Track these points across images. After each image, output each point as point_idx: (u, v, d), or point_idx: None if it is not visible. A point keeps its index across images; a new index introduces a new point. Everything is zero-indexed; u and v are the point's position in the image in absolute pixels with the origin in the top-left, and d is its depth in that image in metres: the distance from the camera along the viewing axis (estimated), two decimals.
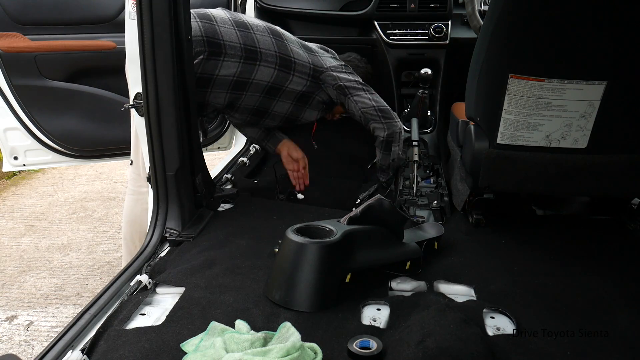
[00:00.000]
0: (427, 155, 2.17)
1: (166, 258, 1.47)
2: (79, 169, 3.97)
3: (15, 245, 2.78)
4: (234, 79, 1.86)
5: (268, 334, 1.08)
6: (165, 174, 1.60)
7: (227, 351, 1.00)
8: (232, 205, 1.87)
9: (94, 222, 3.09)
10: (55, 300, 2.28)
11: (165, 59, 1.49)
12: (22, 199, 3.44)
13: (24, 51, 2.12)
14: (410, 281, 1.34)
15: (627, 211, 1.76)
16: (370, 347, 1.03)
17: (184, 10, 1.52)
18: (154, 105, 1.52)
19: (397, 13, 2.42)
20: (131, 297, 1.25)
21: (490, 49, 1.33)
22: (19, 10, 2.13)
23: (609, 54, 1.28)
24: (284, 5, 2.52)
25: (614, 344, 1.09)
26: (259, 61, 1.87)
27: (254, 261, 1.41)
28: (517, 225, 1.69)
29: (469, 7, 1.93)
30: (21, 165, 2.25)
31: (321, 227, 1.29)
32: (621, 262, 1.46)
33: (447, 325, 1.05)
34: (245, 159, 2.42)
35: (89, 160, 2.38)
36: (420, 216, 1.79)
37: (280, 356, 0.96)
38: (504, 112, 1.39)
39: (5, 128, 2.17)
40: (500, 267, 1.42)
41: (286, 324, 1.08)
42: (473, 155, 1.50)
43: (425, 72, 2.18)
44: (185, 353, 1.02)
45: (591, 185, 1.52)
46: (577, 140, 1.41)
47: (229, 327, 1.10)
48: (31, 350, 1.95)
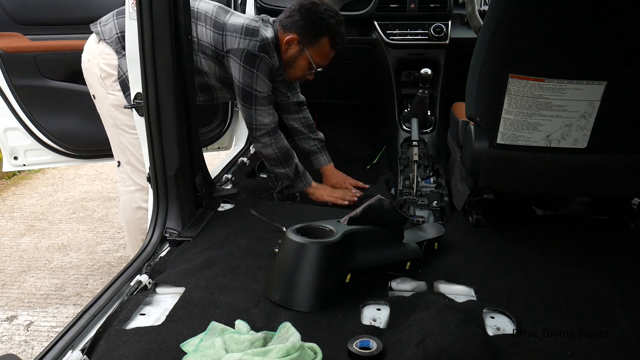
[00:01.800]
0: (427, 155, 2.17)
1: (166, 258, 1.47)
2: (79, 169, 3.97)
3: (15, 245, 2.78)
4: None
5: (268, 334, 1.08)
6: (165, 174, 1.60)
7: (227, 351, 1.00)
8: (232, 205, 1.87)
9: (94, 222, 3.09)
10: (55, 300, 2.28)
11: (165, 59, 1.49)
12: (22, 199, 3.44)
13: (24, 51, 2.12)
14: (410, 281, 1.35)
15: (627, 211, 1.76)
16: (370, 347, 1.03)
17: (184, 10, 1.53)
18: (154, 105, 1.52)
19: (397, 13, 2.42)
20: (131, 297, 1.25)
21: (490, 49, 1.33)
22: (19, 10, 2.13)
23: (609, 54, 1.27)
24: (284, 5, 2.52)
25: (614, 344, 1.09)
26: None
27: (254, 261, 1.41)
28: (517, 225, 1.69)
29: (469, 7, 1.93)
30: (21, 165, 2.25)
31: (321, 227, 1.29)
32: (621, 262, 1.46)
33: (447, 325, 1.05)
34: (245, 159, 2.42)
35: (89, 160, 2.39)
36: (420, 216, 1.80)
37: (280, 356, 0.96)
38: (504, 112, 1.39)
39: (5, 128, 2.17)
40: (500, 267, 1.42)
41: (286, 324, 1.08)
42: (473, 155, 1.50)
43: (425, 72, 2.17)
44: (185, 353, 1.02)
45: (591, 185, 1.52)
46: (577, 140, 1.41)
47: (229, 327, 1.10)
48: (31, 350, 1.95)
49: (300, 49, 1.89)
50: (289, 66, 1.94)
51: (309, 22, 1.84)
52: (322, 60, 1.94)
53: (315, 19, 1.84)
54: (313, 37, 1.87)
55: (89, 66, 1.90)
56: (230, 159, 2.42)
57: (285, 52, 1.90)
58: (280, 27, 1.88)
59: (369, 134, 2.89)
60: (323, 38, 1.87)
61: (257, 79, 1.83)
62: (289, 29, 1.87)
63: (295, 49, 1.89)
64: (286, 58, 1.91)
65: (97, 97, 1.93)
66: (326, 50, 1.91)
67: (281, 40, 1.88)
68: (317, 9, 1.84)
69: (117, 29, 1.84)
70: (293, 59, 1.91)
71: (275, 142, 1.93)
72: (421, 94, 2.21)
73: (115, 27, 1.85)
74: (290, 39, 1.86)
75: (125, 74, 1.83)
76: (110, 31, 1.85)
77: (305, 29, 1.85)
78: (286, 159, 1.96)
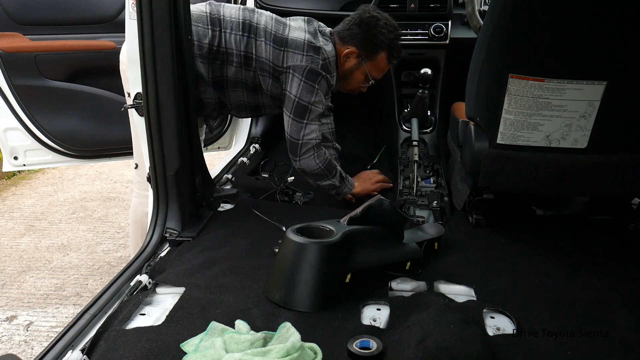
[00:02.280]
0: (427, 155, 2.17)
1: (166, 258, 1.47)
2: (79, 169, 3.97)
3: (15, 245, 2.78)
4: (212, 79, 1.83)
5: (268, 334, 1.08)
6: (165, 174, 1.60)
7: (227, 351, 1.00)
8: (232, 205, 1.87)
9: (93, 222, 3.09)
10: (55, 300, 2.28)
11: (165, 59, 1.49)
12: (22, 199, 3.43)
13: (24, 51, 2.12)
14: (410, 281, 1.35)
15: (627, 211, 1.76)
16: (370, 347, 1.03)
17: (184, 10, 1.52)
18: (154, 105, 1.52)
19: (397, 13, 2.41)
20: (131, 297, 1.25)
21: (490, 49, 1.33)
22: (19, 10, 2.13)
23: (609, 54, 1.27)
24: (284, 5, 2.52)
25: (614, 344, 1.09)
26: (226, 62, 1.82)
27: (254, 261, 1.41)
28: (517, 225, 1.69)
29: (469, 7, 1.93)
30: (21, 165, 2.25)
31: (321, 227, 1.29)
32: (621, 262, 1.46)
33: (447, 325, 1.05)
34: (245, 159, 2.42)
35: (89, 160, 2.39)
36: (420, 216, 1.80)
37: (280, 356, 0.96)
38: (504, 112, 1.39)
39: (5, 128, 2.17)
40: (500, 267, 1.42)
41: (286, 324, 1.08)
42: (473, 155, 1.50)
43: (425, 72, 2.17)
44: (185, 353, 1.02)
45: (591, 185, 1.52)
46: (577, 140, 1.41)
47: (229, 327, 1.10)
48: (31, 350, 1.95)
49: (359, 62, 1.90)
50: (344, 78, 1.95)
51: (369, 36, 1.84)
52: (378, 74, 1.95)
53: (376, 34, 1.84)
54: (372, 51, 1.87)
55: (124, 67, 1.89)
56: (230, 159, 2.42)
57: (343, 65, 1.91)
58: (339, 39, 1.89)
59: (369, 134, 2.89)
60: (381, 52, 1.88)
61: (316, 95, 1.81)
62: (347, 41, 1.87)
63: (353, 62, 1.90)
64: (343, 70, 1.92)
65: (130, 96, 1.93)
66: (383, 64, 1.92)
67: (339, 53, 1.88)
68: (377, 23, 1.84)
69: None
70: (350, 71, 1.92)
71: (318, 156, 1.88)
72: (421, 94, 2.21)
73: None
74: (349, 52, 1.87)
75: None
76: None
77: (364, 43, 1.86)
78: (330, 170, 1.92)
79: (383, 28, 1.84)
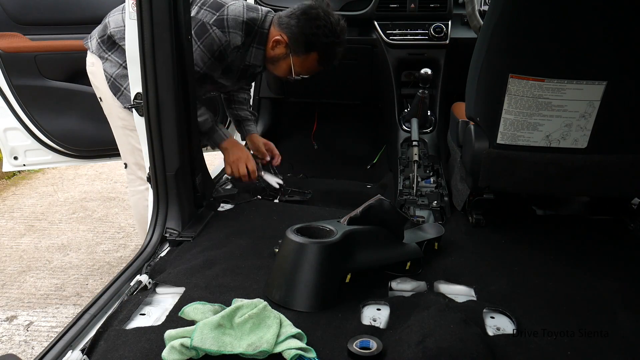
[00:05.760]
0: (427, 155, 2.17)
1: (166, 258, 1.47)
2: (79, 169, 3.97)
3: (15, 245, 2.78)
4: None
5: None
6: (165, 174, 1.60)
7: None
8: (232, 205, 1.87)
9: (93, 222, 3.09)
10: (55, 300, 2.28)
11: (165, 59, 1.49)
12: (22, 199, 3.43)
13: (24, 51, 2.12)
14: (410, 281, 1.35)
15: (627, 211, 1.76)
16: (370, 347, 1.03)
17: (184, 10, 1.52)
18: (154, 105, 1.52)
19: (397, 13, 2.42)
20: (131, 297, 1.25)
21: (490, 49, 1.33)
22: (19, 10, 2.13)
23: (609, 54, 1.28)
24: (283, 5, 2.52)
25: (614, 344, 1.09)
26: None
27: (254, 261, 1.41)
28: (517, 225, 1.69)
29: (469, 7, 1.93)
30: (21, 165, 2.26)
31: (321, 227, 1.29)
32: (621, 262, 1.46)
33: (447, 325, 1.05)
34: None
35: (89, 160, 2.39)
36: (420, 216, 1.79)
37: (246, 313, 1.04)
38: (504, 112, 1.39)
39: (5, 128, 2.17)
40: (500, 267, 1.42)
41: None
42: (473, 155, 1.50)
43: (425, 72, 2.18)
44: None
45: (591, 185, 1.52)
46: (577, 140, 1.41)
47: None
48: (31, 350, 1.95)
49: (286, 53, 1.81)
50: (271, 62, 1.87)
51: (304, 31, 1.75)
52: (304, 72, 1.86)
53: (309, 34, 1.74)
54: (302, 47, 1.77)
55: (93, 69, 1.92)
56: None
57: (272, 49, 1.82)
58: (277, 23, 1.80)
59: (369, 134, 2.89)
60: (313, 53, 1.78)
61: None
62: (283, 29, 1.78)
63: (281, 50, 1.81)
64: (270, 55, 1.84)
65: (103, 100, 1.94)
66: (312, 65, 1.83)
67: (271, 36, 1.81)
68: (316, 24, 1.73)
69: (96, 36, 1.88)
70: (276, 58, 1.84)
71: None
72: (421, 94, 2.22)
73: (95, 35, 1.89)
74: (279, 40, 1.79)
75: (113, 76, 1.84)
76: (91, 39, 1.91)
77: (296, 36, 1.76)
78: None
79: (320, 29, 1.73)
